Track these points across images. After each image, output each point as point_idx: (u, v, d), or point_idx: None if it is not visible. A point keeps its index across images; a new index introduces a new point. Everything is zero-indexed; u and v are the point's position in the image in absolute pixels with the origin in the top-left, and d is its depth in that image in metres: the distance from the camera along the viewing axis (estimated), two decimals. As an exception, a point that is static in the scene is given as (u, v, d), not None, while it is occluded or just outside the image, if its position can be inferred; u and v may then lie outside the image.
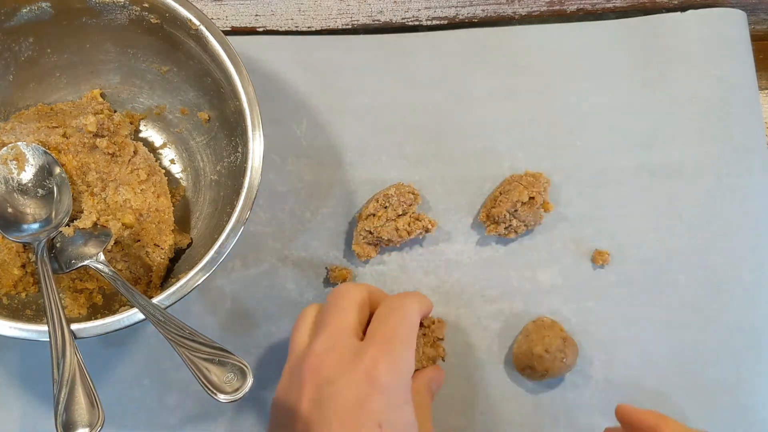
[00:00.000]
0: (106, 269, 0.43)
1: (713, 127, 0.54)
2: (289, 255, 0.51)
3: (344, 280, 0.50)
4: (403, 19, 0.57)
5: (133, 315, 0.40)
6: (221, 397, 0.36)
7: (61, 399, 0.36)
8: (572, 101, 0.55)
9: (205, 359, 0.37)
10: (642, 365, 0.50)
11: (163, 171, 0.49)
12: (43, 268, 0.42)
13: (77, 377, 0.37)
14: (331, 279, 0.51)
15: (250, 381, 0.37)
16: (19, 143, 0.45)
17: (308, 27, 0.56)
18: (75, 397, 0.36)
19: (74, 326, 0.40)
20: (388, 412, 0.37)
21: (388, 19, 0.57)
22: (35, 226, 0.45)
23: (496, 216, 0.50)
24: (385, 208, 0.49)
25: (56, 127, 0.47)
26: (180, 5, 0.44)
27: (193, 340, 0.38)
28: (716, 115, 0.54)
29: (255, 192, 0.43)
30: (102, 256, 0.43)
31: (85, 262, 0.43)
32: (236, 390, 0.36)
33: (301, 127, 0.54)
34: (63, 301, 0.46)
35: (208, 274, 0.41)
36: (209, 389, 0.36)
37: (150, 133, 0.52)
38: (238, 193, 0.43)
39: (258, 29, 0.56)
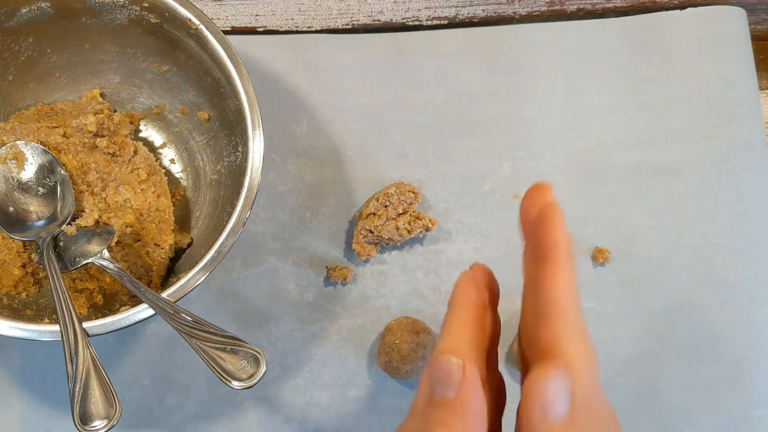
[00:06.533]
0: (111, 265, 0.43)
1: (713, 125, 0.54)
2: (289, 255, 0.51)
3: (344, 280, 0.50)
4: (403, 19, 0.57)
5: (134, 314, 0.40)
6: (235, 384, 0.36)
7: (77, 392, 0.36)
8: (572, 100, 0.55)
9: (217, 348, 0.37)
10: (642, 364, 0.50)
11: (163, 171, 0.49)
12: (49, 264, 0.42)
13: (92, 371, 0.37)
14: (332, 278, 0.51)
15: (263, 367, 0.37)
16: (17, 142, 0.45)
17: (308, 27, 0.56)
18: (90, 391, 0.36)
19: (76, 325, 0.39)
20: None
21: (388, 19, 0.57)
22: (40, 223, 0.45)
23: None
24: (386, 207, 0.49)
25: (56, 127, 0.47)
26: (180, 5, 0.44)
27: (203, 331, 0.38)
28: (716, 113, 0.54)
29: (255, 192, 0.43)
30: (106, 253, 0.43)
31: (90, 260, 0.43)
32: (251, 376, 0.37)
33: (301, 127, 0.54)
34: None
35: (208, 274, 0.41)
36: (223, 377, 0.37)
37: (150, 132, 0.52)
38: (238, 193, 0.43)
39: (258, 29, 0.56)
